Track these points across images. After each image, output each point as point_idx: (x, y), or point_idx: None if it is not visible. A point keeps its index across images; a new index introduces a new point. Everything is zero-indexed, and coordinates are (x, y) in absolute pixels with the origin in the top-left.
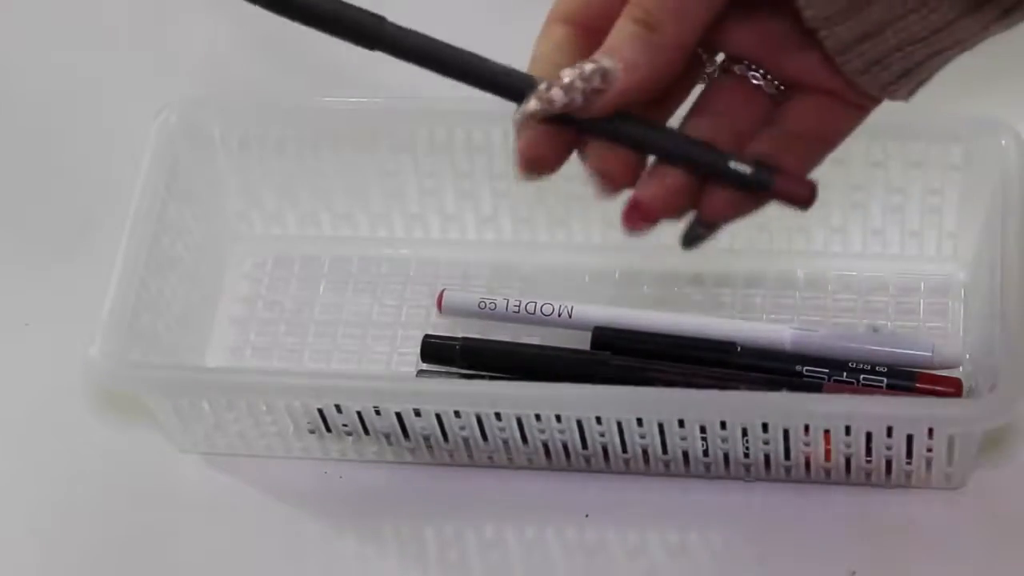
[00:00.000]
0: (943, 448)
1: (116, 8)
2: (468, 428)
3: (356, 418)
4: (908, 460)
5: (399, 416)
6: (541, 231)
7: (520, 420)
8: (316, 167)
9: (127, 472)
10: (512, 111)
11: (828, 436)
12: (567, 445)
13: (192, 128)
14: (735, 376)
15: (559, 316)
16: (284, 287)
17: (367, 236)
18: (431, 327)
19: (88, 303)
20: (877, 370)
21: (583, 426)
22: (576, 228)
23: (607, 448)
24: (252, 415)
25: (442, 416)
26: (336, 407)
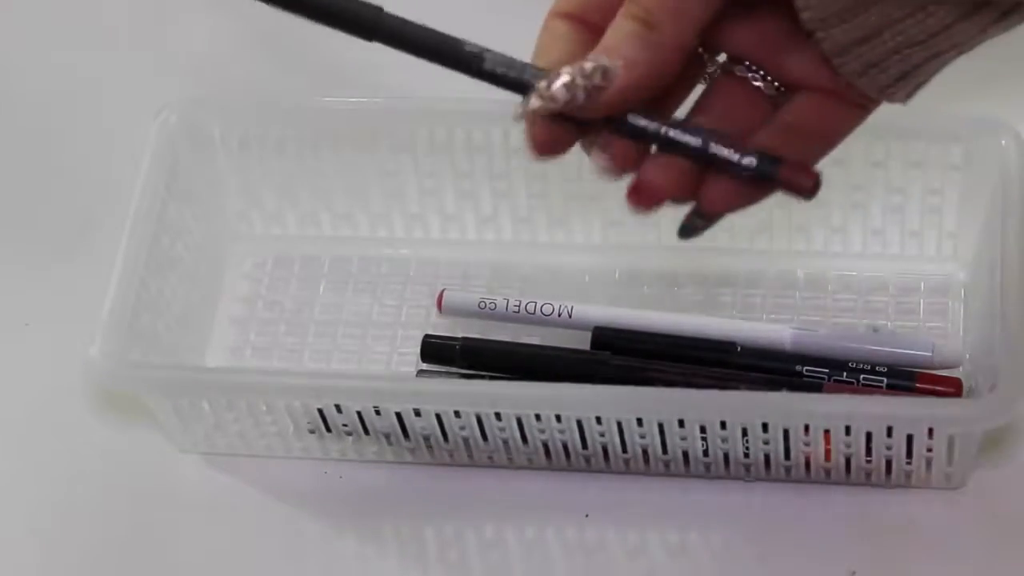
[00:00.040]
0: (943, 448)
1: (116, 8)
2: (468, 428)
3: (356, 418)
4: (908, 460)
5: (399, 416)
6: (541, 231)
7: (520, 420)
8: (316, 167)
9: (127, 472)
10: (513, 105)
11: (828, 436)
12: (567, 445)
13: (192, 128)
14: (735, 376)
15: (559, 316)
16: (284, 287)
17: (367, 236)
18: (431, 327)
19: (88, 303)
20: (877, 370)
21: (583, 426)
22: (576, 228)
23: (607, 448)
24: (252, 415)
25: (442, 416)
26: (336, 407)
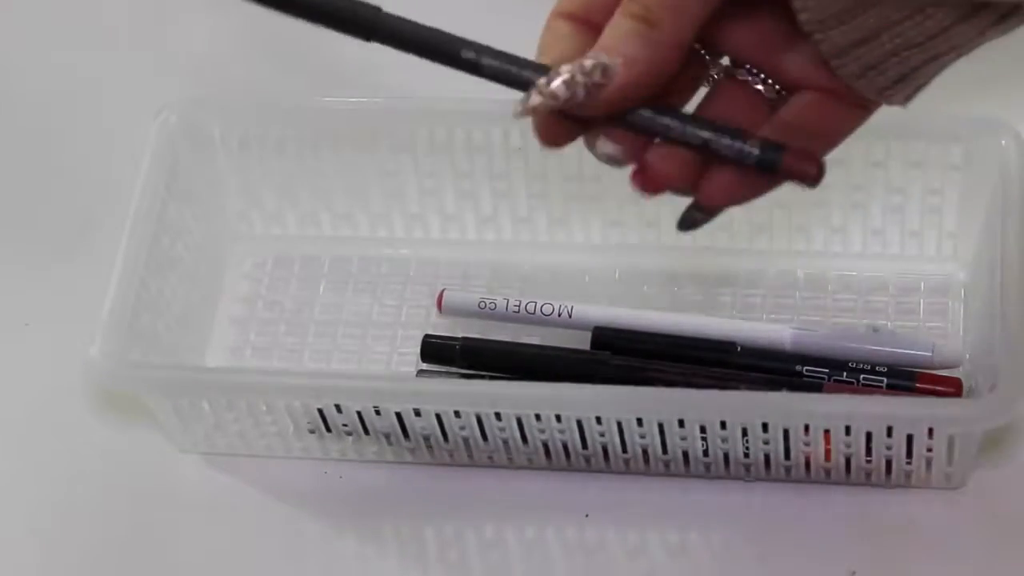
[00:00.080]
0: (943, 448)
1: (116, 8)
2: (468, 428)
3: (356, 418)
4: (908, 460)
5: (399, 416)
6: (541, 231)
7: (520, 420)
8: (316, 167)
9: (127, 472)
10: (512, 102)
11: (828, 436)
12: (567, 445)
13: (192, 128)
14: (735, 376)
15: (559, 316)
16: (284, 287)
17: (367, 236)
18: (431, 327)
19: (88, 303)
20: (877, 370)
21: (583, 426)
22: (576, 228)
23: (607, 448)
24: (252, 415)
25: (442, 416)
26: (336, 407)
